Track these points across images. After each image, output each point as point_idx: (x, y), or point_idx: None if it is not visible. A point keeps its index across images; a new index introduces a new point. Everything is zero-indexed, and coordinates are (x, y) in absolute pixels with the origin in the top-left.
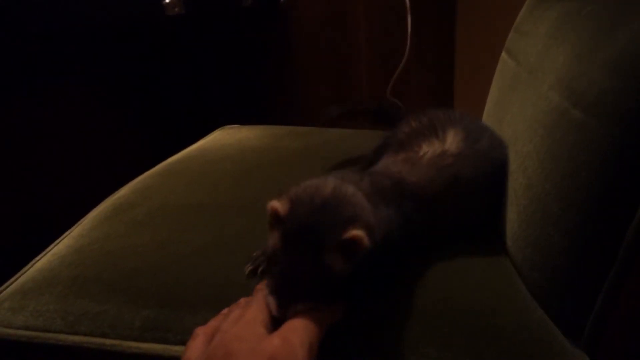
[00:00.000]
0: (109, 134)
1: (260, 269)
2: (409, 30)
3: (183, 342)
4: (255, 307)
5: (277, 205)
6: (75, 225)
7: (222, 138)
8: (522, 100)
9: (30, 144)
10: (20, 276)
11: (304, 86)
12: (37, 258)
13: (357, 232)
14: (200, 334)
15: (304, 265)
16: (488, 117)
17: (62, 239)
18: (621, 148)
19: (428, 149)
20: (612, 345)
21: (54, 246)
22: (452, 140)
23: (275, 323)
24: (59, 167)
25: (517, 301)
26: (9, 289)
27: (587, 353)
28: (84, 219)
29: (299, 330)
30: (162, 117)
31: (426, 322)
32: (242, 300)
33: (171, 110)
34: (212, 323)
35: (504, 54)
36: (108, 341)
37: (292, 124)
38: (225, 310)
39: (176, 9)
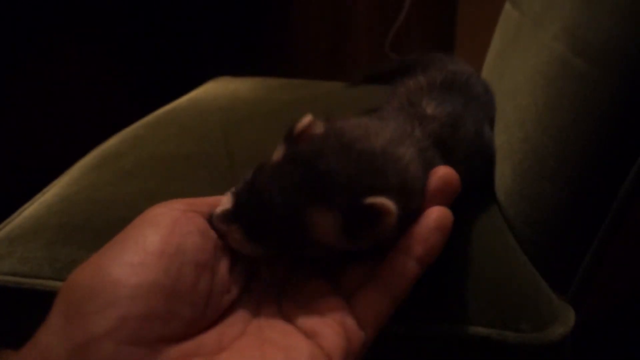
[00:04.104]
0: (99, 84)
1: None
2: None
3: None
4: None
5: (306, 122)
6: (63, 174)
7: (214, 89)
8: (524, 51)
9: (18, 95)
10: (6, 224)
11: (299, 37)
12: (23, 207)
13: (384, 202)
14: None
15: (283, 202)
16: (488, 71)
17: (50, 189)
18: (623, 100)
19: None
20: (598, 299)
21: (41, 195)
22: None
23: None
24: (47, 118)
25: (506, 255)
26: None
27: (574, 306)
28: (71, 168)
29: None
30: (153, 68)
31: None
32: None
33: (163, 61)
34: None
35: (507, 5)
36: None
37: (287, 76)
38: None
39: None
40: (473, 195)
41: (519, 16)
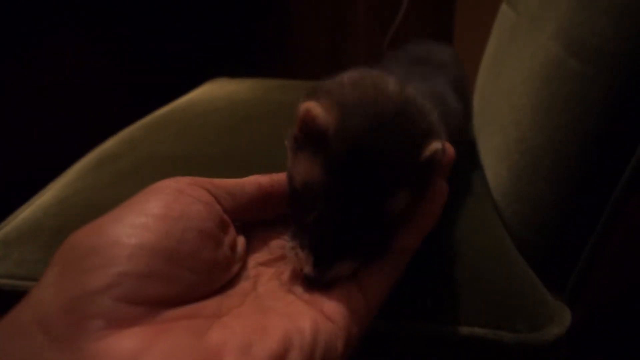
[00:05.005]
0: (97, 85)
1: None
2: None
3: None
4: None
5: (319, 111)
6: (60, 176)
7: (211, 91)
8: (520, 52)
9: (17, 95)
10: (3, 227)
11: (298, 38)
12: (20, 209)
13: (434, 146)
14: None
15: (364, 211)
16: (485, 71)
17: (47, 191)
18: (618, 99)
19: None
20: (594, 299)
21: (38, 197)
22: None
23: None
24: (45, 119)
25: (502, 255)
26: None
27: (569, 307)
28: (68, 170)
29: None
30: (151, 69)
31: (413, 273)
32: None
33: (161, 62)
34: None
35: (504, 5)
36: None
37: (285, 76)
38: None
39: None
40: (470, 195)
41: (515, 17)
